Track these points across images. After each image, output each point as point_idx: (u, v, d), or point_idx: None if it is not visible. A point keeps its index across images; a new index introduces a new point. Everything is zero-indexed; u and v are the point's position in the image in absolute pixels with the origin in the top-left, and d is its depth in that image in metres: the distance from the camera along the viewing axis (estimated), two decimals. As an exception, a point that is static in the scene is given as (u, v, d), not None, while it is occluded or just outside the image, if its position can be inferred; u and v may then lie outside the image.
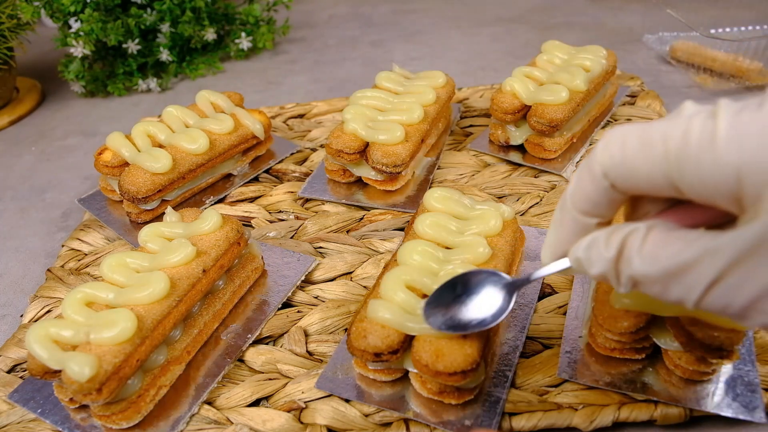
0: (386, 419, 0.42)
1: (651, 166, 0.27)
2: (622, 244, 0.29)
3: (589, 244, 0.30)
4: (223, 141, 0.65)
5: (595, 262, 0.30)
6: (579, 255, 0.31)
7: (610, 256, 0.29)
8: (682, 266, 0.26)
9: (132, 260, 0.46)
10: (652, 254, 0.27)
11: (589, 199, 0.30)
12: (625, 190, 0.29)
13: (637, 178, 0.28)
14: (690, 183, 0.26)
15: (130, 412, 0.42)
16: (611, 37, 1.02)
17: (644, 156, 0.27)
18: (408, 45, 1.07)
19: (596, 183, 0.29)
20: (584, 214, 0.31)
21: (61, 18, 0.90)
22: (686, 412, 0.40)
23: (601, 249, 0.29)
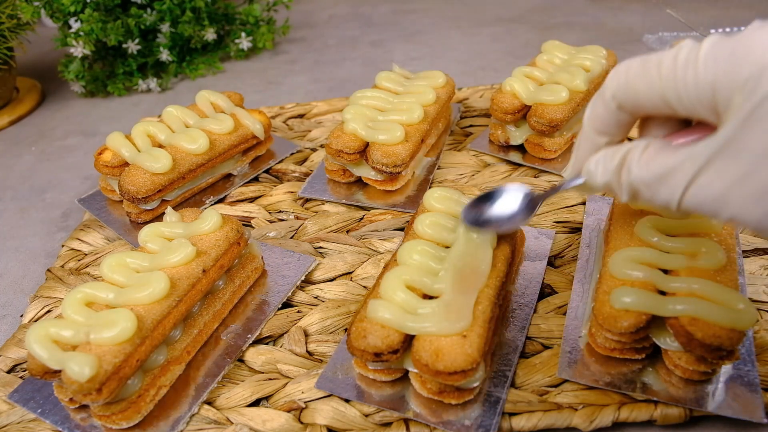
0: (386, 419, 0.42)
1: (648, 86, 0.32)
2: (624, 156, 0.34)
3: (598, 158, 0.36)
4: (223, 141, 0.65)
5: (602, 172, 0.35)
6: (590, 167, 0.36)
7: (614, 166, 0.34)
8: (667, 170, 0.31)
9: (132, 260, 0.46)
10: (647, 162, 0.32)
11: (601, 119, 0.36)
12: (629, 110, 0.34)
13: (637, 98, 0.33)
14: (678, 98, 0.31)
15: (130, 412, 0.42)
16: (611, 37, 1.02)
17: (643, 78, 0.32)
18: (408, 45, 1.07)
19: (606, 105, 0.35)
20: (597, 133, 0.36)
21: (61, 18, 0.90)
22: (686, 412, 0.40)
23: (607, 160, 0.35)
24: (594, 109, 0.36)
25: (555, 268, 0.54)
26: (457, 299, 0.41)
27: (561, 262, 0.54)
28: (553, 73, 0.67)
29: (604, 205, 0.59)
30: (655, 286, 0.42)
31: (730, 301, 0.39)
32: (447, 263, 0.44)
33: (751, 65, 0.27)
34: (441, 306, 0.41)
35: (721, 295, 0.39)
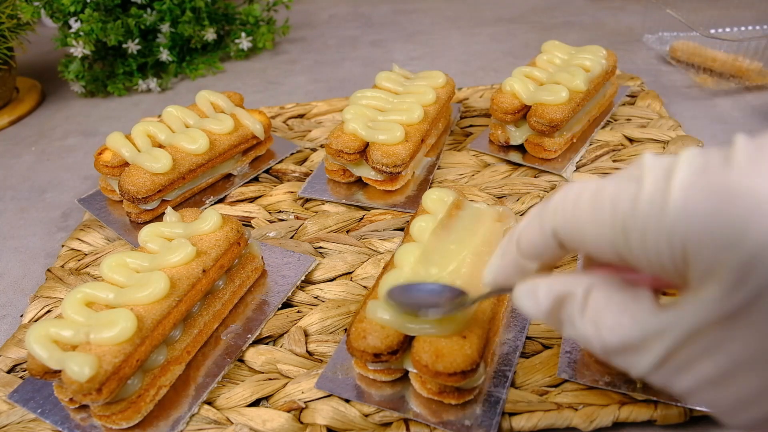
0: (386, 419, 0.42)
1: (598, 231, 0.25)
2: (560, 299, 0.28)
3: (528, 292, 0.30)
4: (223, 141, 0.65)
5: (533, 310, 0.29)
6: (520, 301, 0.30)
7: (546, 309, 0.28)
8: (624, 346, 0.25)
9: (132, 260, 0.46)
10: (594, 321, 0.26)
11: (534, 247, 0.29)
12: (572, 250, 0.28)
13: (585, 242, 0.26)
14: (636, 256, 0.24)
15: (130, 412, 0.42)
16: (611, 37, 1.02)
17: (593, 220, 0.25)
18: (408, 45, 1.07)
19: (544, 236, 0.28)
20: (527, 257, 0.30)
21: (61, 18, 0.90)
22: (686, 412, 0.40)
23: (539, 298, 0.29)
24: (528, 234, 0.29)
25: (555, 268, 0.54)
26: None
27: (561, 262, 0.54)
28: (553, 73, 0.67)
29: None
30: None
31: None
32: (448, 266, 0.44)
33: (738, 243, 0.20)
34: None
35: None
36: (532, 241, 0.29)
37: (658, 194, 0.23)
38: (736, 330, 0.22)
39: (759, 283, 0.20)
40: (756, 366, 0.22)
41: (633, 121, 0.73)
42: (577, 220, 0.26)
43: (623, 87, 0.80)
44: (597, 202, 0.25)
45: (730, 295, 0.21)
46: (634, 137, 0.70)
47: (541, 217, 0.28)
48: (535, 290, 0.29)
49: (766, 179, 0.21)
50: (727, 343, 0.22)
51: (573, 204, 0.26)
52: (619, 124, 0.73)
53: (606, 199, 0.25)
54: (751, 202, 0.20)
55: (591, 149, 0.69)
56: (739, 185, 0.21)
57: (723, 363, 0.22)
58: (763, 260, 0.20)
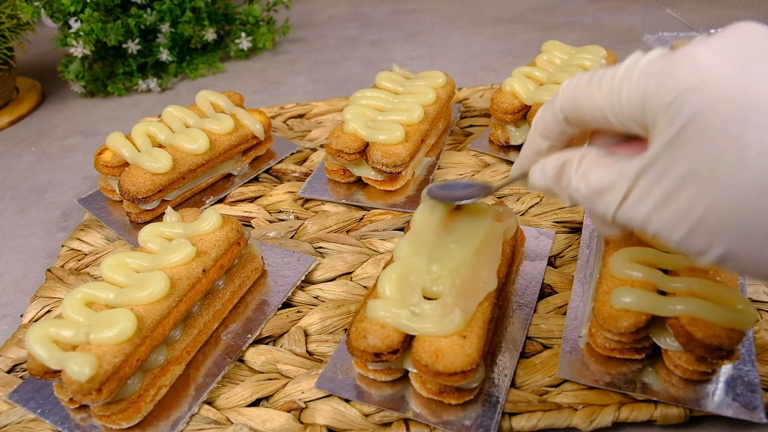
0: (386, 419, 0.42)
1: (591, 102, 0.32)
2: (562, 165, 0.34)
3: (539, 166, 0.36)
4: (223, 141, 0.65)
5: (543, 178, 0.36)
6: (533, 173, 0.37)
7: (553, 174, 0.35)
8: (602, 186, 0.31)
9: (132, 260, 0.46)
10: (584, 175, 0.33)
11: (547, 126, 0.36)
12: (575, 124, 0.35)
13: (581, 113, 0.33)
14: (614, 114, 0.31)
15: (130, 412, 0.42)
16: (611, 37, 1.02)
17: (586, 94, 0.32)
18: (408, 45, 1.07)
19: (554, 115, 0.35)
20: (541, 136, 0.37)
21: (61, 18, 0.90)
22: (686, 412, 0.40)
23: (547, 167, 0.35)
24: (543, 115, 0.37)
25: (555, 268, 0.54)
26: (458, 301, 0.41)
27: (561, 262, 0.54)
28: (553, 73, 0.67)
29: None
30: (655, 286, 0.42)
31: (729, 301, 0.39)
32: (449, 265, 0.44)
33: (675, 86, 0.27)
34: (441, 306, 0.41)
35: (720, 295, 0.39)
36: (546, 120, 0.36)
37: (629, 69, 0.30)
38: (674, 156, 0.28)
39: (688, 114, 0.27)
40: (689, 181, 0.27)
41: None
42: (576, 95, 0.33)
43: (623, 87, 0.79)
44: (590, 80, 0.32)
45: (670, 125, 0.27)
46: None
47: (551, 101, 0.36)
48: (545, 164, 0.36)
49: (706, 49, 0.27)
50: (669, 167, 0.28)
51: (573, 87, 0.33)
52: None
53: (597, 76, 0.32)
54: (690, 61, 0.27)
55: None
56: (684, 53, 0.28)
57: (667, 184, 0.28)
58: (693, 96, 0.27)
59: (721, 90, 0.26)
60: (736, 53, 0.27)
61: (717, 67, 0.27)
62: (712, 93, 0.26)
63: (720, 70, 0.26)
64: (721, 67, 0.27)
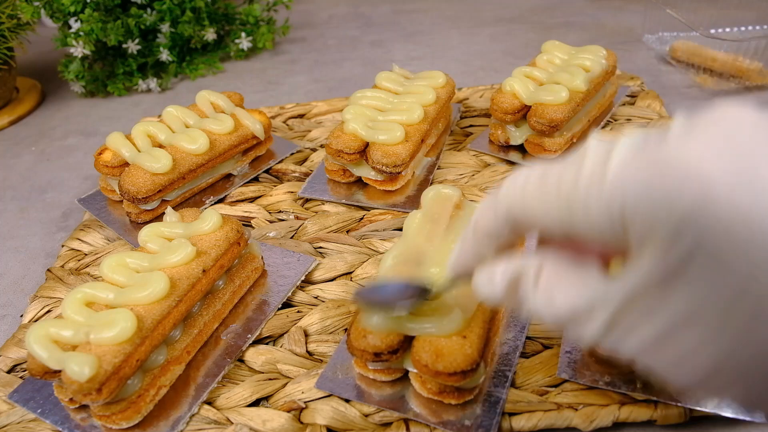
0: (386, 419, 0.42)
1: (546, 209, 0.26)
2: (514, 279, 0.29)
3: (485, 278, 0.31)
4: (223, 141, 0.65)
5: (491, 293, 0.31)
6: (479, 286, 0.32)
7: (503, 291, 0.30)
8: (574, 314, 0.26)
9: (132, 260, 0.46)
10: (548, 296, 0.28)
11: (489, 230, 0.31)
12: (522, 230, 0.29)
13: (534, 221, 0.27)
14: (579, 227, 0.25)
15: (130, 412, 0.42)
16: (611, 37, 1.02)
17: (540, 199, 0.27)
18: (408, 45, 1.07)
19: (497, 219, 0.30)
20: (483, 241, 0.32)
21: (61, 18, 0.90)
22: (686, 412, 0.40)
23: (495, 285, 0.30)
24: (483, 217, 0.31)
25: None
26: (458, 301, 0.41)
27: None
28: (553, 73, 0.67)
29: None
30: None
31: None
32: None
33: (669, 206, 0.22)
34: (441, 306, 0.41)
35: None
36: (487, 225, 0.31)
37: (597, 169, 0.24)
38: (672, 291, 0.23)
39: (690, 244, 0.21)
40: (691, 324, 0.23)
41: (633, 121, 0.73)
42: (525, 200, 0.27)
43: (623, 87, 0.80)
44: (543, 182, 0.27)
45: (665, 258, 0.22)
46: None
47: (494, 200, 0.30)
48: (492, 275, 0.31)
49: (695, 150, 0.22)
50: (664, 304, 0.23)
51: (522, 186, 0.28)
52: (619, 124, 0.73)
53: (551, 178, 0.26)
54: (681, 170, 0.22)
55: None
56: (670, 156, 0.22)
57: (662, 323, 0.23)
58: (693, 222, 0.21)
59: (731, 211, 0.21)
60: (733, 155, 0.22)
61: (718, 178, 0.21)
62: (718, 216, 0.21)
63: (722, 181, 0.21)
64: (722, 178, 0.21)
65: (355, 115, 0.64)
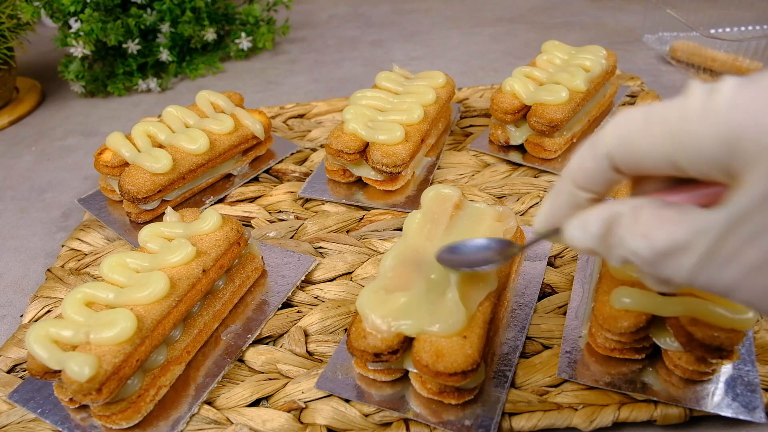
0: (386, 419, 0.42)
1: (652, 145, 0.27)
2: (610, 221, 0.29)
3: (579, 223, 0.31)
4: (223, 141, 0.65)
5: (585, 238, 0.30)
6: (572, 232, 0.31)
7: (598, 232, 0.29)
8: (673, 246, 0.26)
9: (132, 260, 0.46)
10: (645, 234, 0.27)
11: (588, 175, 0.30)
12: (628, 171, 0.29)
13: (639, 158, 0.27)
14: (689, 158, 0.26)
15: (130, 412, 0.42)
16: (611, 37, 1.02)
17: (646, 136, 0.27)
18: (408, 45, 1.07)
19: (598, 161, 0.29)
20: (580, 188, 0.31)
21: (61, 18, 0.90)
22: (686, 412, 0.40)
23: (590, 225, 0.30)
24: (582, 162, 0.30)
25: (555, 268, 0.54)
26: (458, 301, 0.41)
27: (561, 262, 0.54)
28: (553, 73, 0.67)
29: (604, 205, 0.59)
30: (655, 286, 0.42)
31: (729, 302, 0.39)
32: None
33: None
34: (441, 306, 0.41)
35: (721, 295, 0.39)
36: (586, 168, 0.30)
37: (706, 99, 0.25)
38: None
39: None
40: None
41: (633, 121, 0.73)
42: (630, 138, 0.27)
43: (623, 87, 0.80)
44: (648, 118, 0.27)
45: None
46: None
47: (594, 145, 0.29)
48: (586, 219, 0.30)
49: None
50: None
51: (625, 125, 0.28)
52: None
53: (656, 113, 0.26)
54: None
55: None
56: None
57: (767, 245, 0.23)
58: None
59: None
60: None
61: None
62: None
63: None
64: None
65: (355, 115, 0.64)
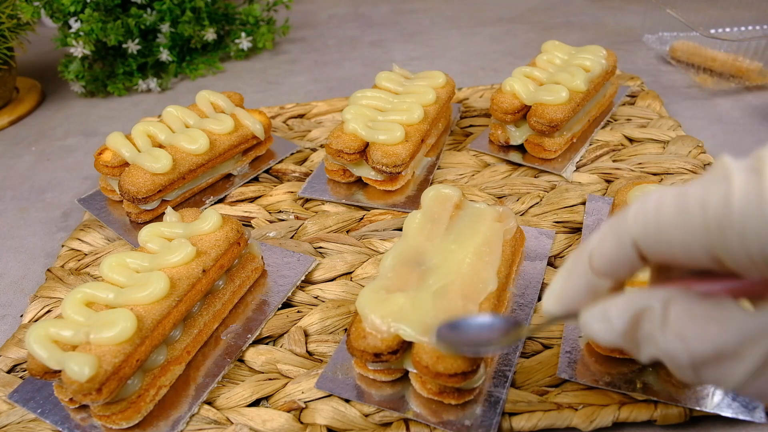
0: (386, 419, 0.42)
1: (689, 236, 0.24)
2: (637, 317, 0.26)
3: (599, 315, 0.28)
4: (223, 141, 0.65)
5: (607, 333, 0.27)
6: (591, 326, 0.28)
7: (623, 330, 0.26)
8: (720, 353, 0.23)
9: (132, 260, 0.46)
10: (680, 335, 0.24)
11: (611, 263, 0.27)
12: (657, 261, 0.26)
13: (672, 249, 0.25)
14: (734, 254, 0.22)
15: (130, 412, 0.42)
16: (611, 37, 1.02)
17: (681, 225, 0.24)
18: (408, 45, 1.07)
19: (623, 250, 0.27)
20: (602, 274, 0.28)
21: (61, 18, 0.90)
22: (686, 412, 0.40)
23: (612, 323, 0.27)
24: (604, 247, 0.27)
25: (555, 268, 0.54)
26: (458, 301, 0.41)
27: (561, 262, 0.54)
28: (553, 73, 0.67)
29: (605, 205, 0.59)
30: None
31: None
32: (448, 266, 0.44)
33: None
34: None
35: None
36: (609, 256, 0.27)
37: (753, 188, 0.22)
38: None
39: None
40: None
41: (633, 121, 0.73)
42: (661, 226, 0.25)
43: (623, 87, 0.80)
44: (682, 205, 0.24)
45: None
46: (634, 137, 0.70)
47: (618, 230, 0.27)
48: (607, 311, 0.27)
49: None
50: None
51: (655, 211, 0.25)
52: (619, 124, 0.73)
53: (693, 201, 0.23)
54: None
55: (591, 149, 0.69)
56: None
57: None
58: None
59: None
60: None
61: None
62: None
63: None
64: None
65: (355, 115, 0.64)
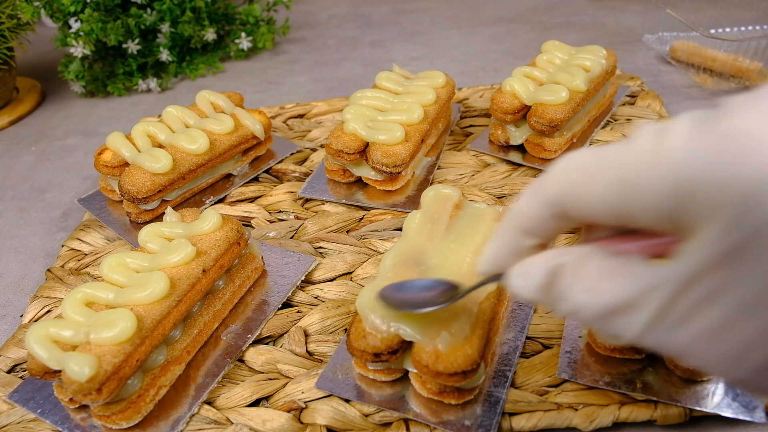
0: (386, 419, 0.42)
1: (597, 194, 0.25)
2: (553, 272, 0.27)
3: (521, 271, 0.29)
4: (223, 141, 0.65)
5: (527, 288, 0.29)
6: (514, 281, 0.30)
7: (541, 284, 0.28)
8: (621, 303, 0.24)
9: (132, 260, 0.46)
10: (589, 288, 0.25)
11: (532, 222, 0.29)
12: (574, 219, 0.27)
13: (584, 207, 0.26)
14: (636, 209, 0.23)
15: (130, 412, 0.42)
16: (611, 37, 1.02)
17: (592, 183, 0.25)
18: (408, 45, 1.07)
19: (542, 209, 0.28)
20: (524, 234, 0.30)
21: (61, 18, 0.90)
22: (686, 412, 0.40)
23: (533, 274, 0.28)
24: (526, 208, 0.29)
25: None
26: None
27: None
28: (553, 73, 0.67)
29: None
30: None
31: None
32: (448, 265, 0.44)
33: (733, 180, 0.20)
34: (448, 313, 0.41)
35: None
36: (531, 215, 0.29)
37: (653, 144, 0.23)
38: (734, 276, 0.21)
39: (757, 221, 0.20)
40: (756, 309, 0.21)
41: (633, 121, 0.73)
42: (574, 184, 0.26)
43: (623, 87, 0.80)
44: (592, 163, 0.25)
45: (728, 236, 0.20)
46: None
47: (539, 190, 0.28)
48: (527, 267, 0.29)
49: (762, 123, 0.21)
50: (727, 287, 0.21)
51: (569, 170, 0.26)
52: (619, 124, 0.73)
53: (603, 158, 0.24)
54: (748, 141, 0.20)
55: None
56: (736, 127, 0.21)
57: (723, 310, 0.21)
58: (761, 198, 0.19)
59: None
60: None
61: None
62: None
63: None
64: None
65: (355, 115, 0.64)
